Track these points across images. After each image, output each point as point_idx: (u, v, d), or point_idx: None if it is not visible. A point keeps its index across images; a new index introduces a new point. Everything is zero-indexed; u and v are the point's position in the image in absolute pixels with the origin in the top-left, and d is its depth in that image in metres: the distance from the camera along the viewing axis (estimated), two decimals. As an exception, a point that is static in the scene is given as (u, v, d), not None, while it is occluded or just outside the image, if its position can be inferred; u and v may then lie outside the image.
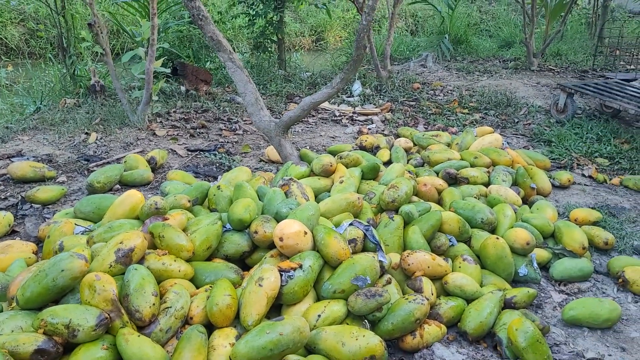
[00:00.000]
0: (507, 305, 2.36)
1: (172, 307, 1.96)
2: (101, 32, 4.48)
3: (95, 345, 1.77)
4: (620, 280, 2.61)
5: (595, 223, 3.12)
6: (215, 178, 3.66)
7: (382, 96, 5.89)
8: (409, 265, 2.34)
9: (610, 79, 5.81)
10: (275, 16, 6.54)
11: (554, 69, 7.39)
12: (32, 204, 3.18)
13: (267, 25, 6.62)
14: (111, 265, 2.03)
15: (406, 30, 11.83)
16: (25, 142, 4.22)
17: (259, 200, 2.77)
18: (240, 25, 9.01)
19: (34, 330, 1.77)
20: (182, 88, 5.67)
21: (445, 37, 8.23)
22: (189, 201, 2.69)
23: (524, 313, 2.29)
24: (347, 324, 2.08)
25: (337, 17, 11.51)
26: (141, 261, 2.13)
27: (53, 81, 5.95)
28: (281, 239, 2.21)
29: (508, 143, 4.46)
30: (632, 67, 7.36)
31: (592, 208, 3.35)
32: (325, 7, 6.80)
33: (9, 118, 4.90)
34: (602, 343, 2.26)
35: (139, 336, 1.81)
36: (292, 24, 10.91)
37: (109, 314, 1.82)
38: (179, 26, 6.54)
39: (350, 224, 2.44)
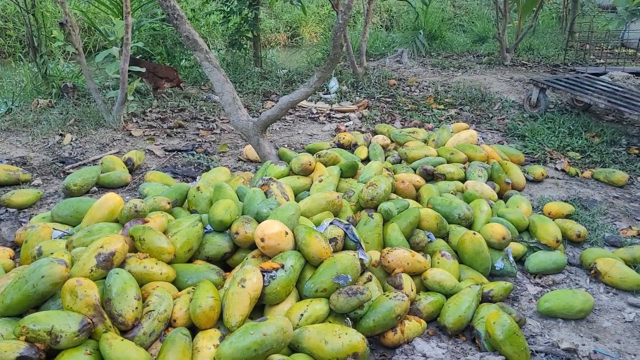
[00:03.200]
0: (485, 299, 2.41)
1: (155, 310, 1.96)
2: (73, 31, 4.42)
3: (78, 350, 1.77)
4: (592, 271, 2.69)
5: (568, 216, 3.20)
6: (194, 178, 3.65)
7: (358, 93, 5.92)
8: (388, 262, 2.38)
9: (581, 73, 5.92)
10: (250, 13, 6.52)
11: (526, 64, 7.51)
12: (8, 208, 3.14)
13: (242, 22, 6.59)
14: (92, 270, 2.02)
15: (381, 25, 11.88)
16: (-2, 145, 4.16)
17: (239, 200, 2.78)
18: (215, 21, 8.95)
19: (15, 338, 1.76)
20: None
21: (420, 33, 8.29)
22: (169, 203, 2.69)
23: (501, 306, 2.35)
24: (330, 322, 2.11)
25: (312, 12, 11.50)
26: (122, 265, 2.13)
27: (24, 81, 5.84)
28: (262, 240, 2.23)
29: (483, 138, 4.53)
30: (602, 61, 7.51)
31: (564, 201, 3.44)
32: (300, 3, 6.80)
33: (-20, 120, 4.81)
34: (576, 333, 2.33)
35: (122, 340, 1.81)
36: (267, 20, 10.87)
37: (91, 319, 1.82)
38: (152, 24, 6.47)
39: (331, 223, 2.46)
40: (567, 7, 9.27)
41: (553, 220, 3.04)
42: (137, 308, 1.92)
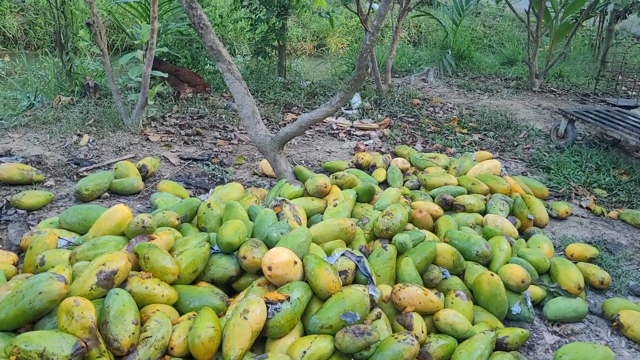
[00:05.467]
0: (499, 345, 2.29)
1: (152, 336, 1.88)
2: (100, 32, 4.40)
3: (69, 376, 1.69)
4: (614, 323, 2.55)
5: (591, 259, 3.06)
6: (207, 191, 3.58)
7: (381, 110, 5.82)
8: (400, 299, 2.27)
9: (612, 105, 5.77)
10: (277, 22, 6.47)
11: (555, 91, 7.36)
12: (17, 209, 3.09)
13: (269, 31, 6.55)
14: (92, 288, 1.96)
15: (408, 41, 11.79)
16: (15, 141, 4.13)
17: (250, 220, 2.70)
18: (242, 27, 8.93)
19: (5, 357, 1.69)
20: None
21: (448, 52, 8.19)
22: (178, 219, 2.62)
23: (515, 356, 2.23)
24: (334, 362, 2.01)
25: (340, 23, 11.45)
26: (124, 284, 2.06)
27: (48, 76, 5.85)
28: (270, 268, 2.14)
29: (506, 168, 4.40)
30: (634, 93, 7.33)
31: (588, 243, 3.30)
32: (328, 15, 6.74)
33: (1, 113, 4.81)
34: (594, 391, 2.20)
35: (115, 368, 1.73)
36: (294, 29, 10.84)
37: (85, 343, 1.75)
38: (179, 28, 6.45)
39: (342, 254, 2.36)
40: (600, 35, 9.10)
41: (575, 263, 2.91)
42: (134, 333, 1.84)
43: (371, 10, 6.14)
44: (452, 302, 2.42)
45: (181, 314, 2.14)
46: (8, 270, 2.36)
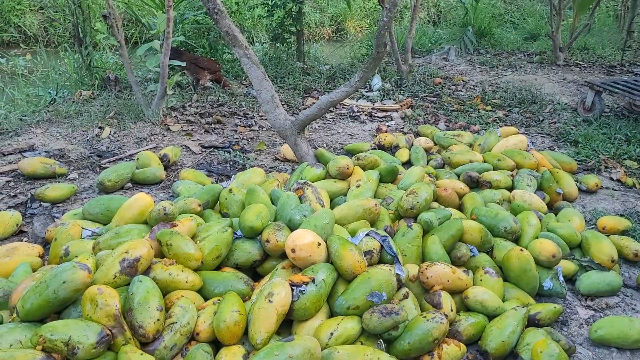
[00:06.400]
0: (531, 321, 2.23)
1: (177, 322, 1.87)
2: (116, 24, 4.39)
3: (95, 363, 1.69)
4: (651, 296, 2.47)
5: (624, 232, 2.97)
6: (229, 177, 3.56)
7: (402, 91, 5.74)
8: (427, 278, 2.22)
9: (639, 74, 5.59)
10: (294, 7, 6.41)
11: (580, 64, 7.16)
12: (42, 203, 3.11)
13: (286, 16, 6.49)
14: (115, 276, 1.95)
15: (428, 21, 11.61)
16: (38, 136, 4.17)
17: (272, 204, 2.67)
18: (260, 15, 8.89)
19: (32, 347, 1.69)
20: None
21: (469, 29, 8.02)
22: (200, 205, 2.60)
23: (548, 332, 2.17)
24: (362, 342, 1.97)
25: (358, 6, 11.32)
26: (147, 271, 2.05)
27: (69, 71, 5.89)
28: (293, 251, 2.11)
29: (532, 143, 4.29)
30: (663, 62, 7.10)
31: (620, 215, 3.20)
32: (345, -2, 6.66)
33: (24, 109, 4.86)
34: (632, 366, 2.13)
35: (142, 354, 1.73)
36: (312, 14, 10.76)
37: (110, 330, 1.74)
38: (196, 17, 6.43)
39: (367, 234, 2.32)
40: (625, 5, 8.82)
41: (608, 236, 2.82)
42: (158, 320, 1.83)
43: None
44: (481, 280, 2.37)
45: (206, 299, 2.12)
46: (34, 262, 2.37)
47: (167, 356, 1.82)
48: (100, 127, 4.34)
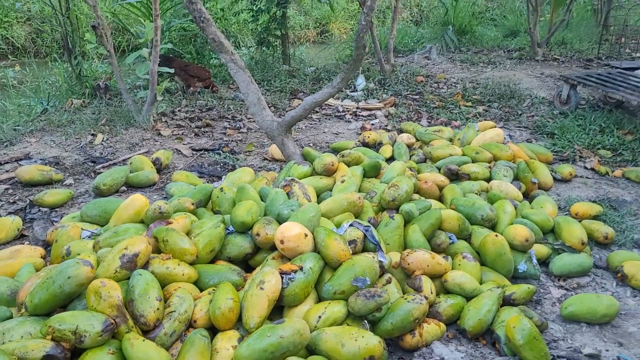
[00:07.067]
0: (507, 302, 2.39)
1: (176, 311, 2.01)
2: (105, 34, 4.52)
3: (101, 350, 1.83)
4: (619, 274, 2.64)
5: (595, 217, 3.14)
6: (220, 178, 3.70)
7: (385, 90, 5.90)
8: (408, 264, 2.38)
9: (615, 67, 5.77)
10: (278, 11, 6.56)
11: (558, 58, 7.36)
12: (40, 208, 3.24)
13: (270, 20, 6.63)
14: (116, 271, 2.08)
15: (411, 20, 11.79)
16: (32, 145, 4.29)
17: (262, 201, 2.82)
18: (245, 19, 9.02)
19: (42, 337, 1.83)
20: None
21: (449, 28, 8.20)
22: (193, 204, 2.74)
23: (522, 310, 2.33)
24: (348, 324, 2.13)
25: (342, 8, 11.48)
26: (146, 266, 2.19)
27: (59, 81, 6.01)
28: (282, 242, 2.26)
29: (511, 137, 4.47)
30: (638, 55, 7.30)
31: (593, 201, 3.37)
32: (328, 1, 6.80)
33: (16, 119, 4.97)
34: (600, 338, 2.30)
35: (144, 340, 1.87)
36: (297, 17, 10.90)
37: (114, 320, 1.88)
38: (182, 24, 6.56)
39: (351, 225, 2.48)
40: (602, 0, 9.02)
41: (580, 221, 2.99)
42: (158, 309, 1.97)
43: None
44: (459, 264, 2.53)
45: (201, 291, 2.27)
46: (37, 263, 2.50)
47: (168, 342, 1.96)
48: (93, 134, 4.47)
